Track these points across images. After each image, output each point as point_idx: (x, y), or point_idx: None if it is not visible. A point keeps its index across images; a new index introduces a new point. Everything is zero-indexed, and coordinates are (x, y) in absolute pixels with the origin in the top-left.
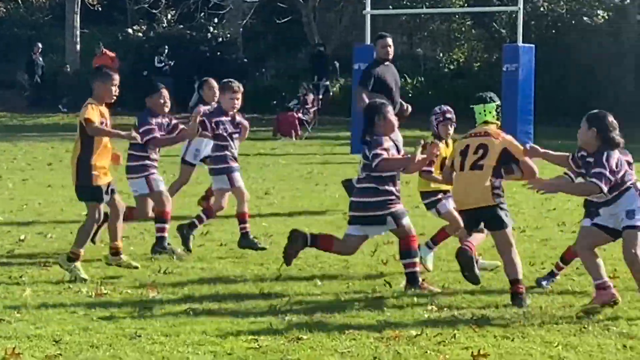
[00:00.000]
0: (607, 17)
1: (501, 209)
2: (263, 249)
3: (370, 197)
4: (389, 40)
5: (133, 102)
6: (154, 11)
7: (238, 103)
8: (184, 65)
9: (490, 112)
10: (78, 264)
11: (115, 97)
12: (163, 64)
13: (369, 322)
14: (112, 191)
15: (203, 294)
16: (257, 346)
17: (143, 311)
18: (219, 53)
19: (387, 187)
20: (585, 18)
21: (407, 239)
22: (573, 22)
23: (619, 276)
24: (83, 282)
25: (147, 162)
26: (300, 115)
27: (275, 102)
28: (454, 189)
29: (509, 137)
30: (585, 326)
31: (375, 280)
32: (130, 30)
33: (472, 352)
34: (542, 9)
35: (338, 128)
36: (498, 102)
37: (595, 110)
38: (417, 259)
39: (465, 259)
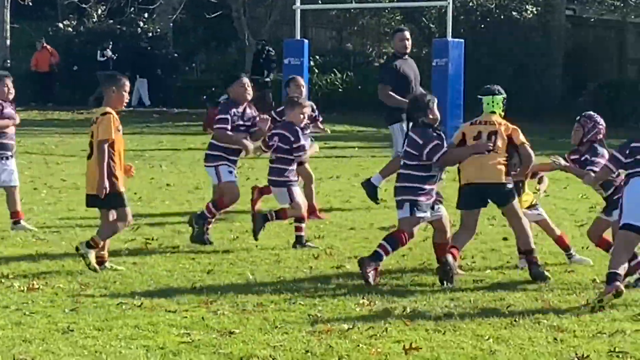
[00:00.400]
0: (535, 12)
1: (509, 186)
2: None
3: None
4: (407, 34)
5: (63, 97)
6: (84, 6)
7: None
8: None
9: (497, 104)
10: (94, 252)
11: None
12: (105, 58)
13: (301, 316)
14: None
15: (135, 289)
16: (190, 340)
17: (75, 306)
18: (149, 48)
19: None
20: (514, 13)
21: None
22: (502, 17)
23: (549, 269)
24: (93, 271)
25: (223, 153)
26: None
27: (205, 96)
28: (466, 167)
29: (512, 126)
30: (516, 319)
31: (307, 274)
32: (60, 25)
33: (404, 346)
34: (471, 3)
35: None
36: (505, 95)
37: None
38: None
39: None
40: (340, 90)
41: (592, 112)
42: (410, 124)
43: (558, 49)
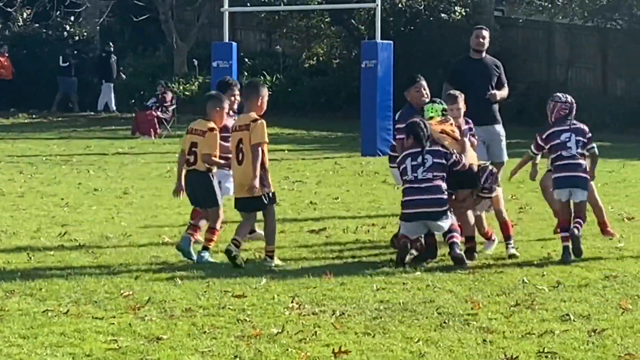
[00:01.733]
0: (464, 13)
1: None
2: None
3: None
4: (478, 32)
5: None
6: (9, 10)
7: None
8: (41, 64)
9: (436, 111)
10: (276, 260)
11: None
12: (68, 63)
13: (229, 320)
14: None
15: (61, 295)
16: (117, 347)
17: (0, 313)
18: (75, 52)
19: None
20: (443, 15)
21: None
22: (431, 18)
23: (478, 270)
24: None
25: None
26: (159, 113)
27: (133, 100)
28: None
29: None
30: (446, 321)
31: (236, 279)
32: None
33: (333, 349)
34: (400, 5)
35: None
36: (445, 106)
37: None
38: None
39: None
40: (270, 92)
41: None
42: None
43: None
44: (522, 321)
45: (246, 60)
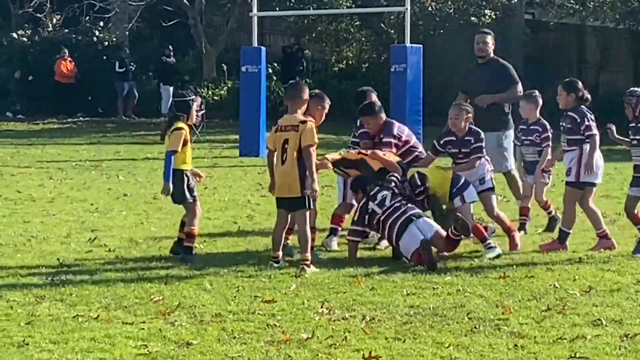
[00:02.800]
0: (494, 16)
1: None
2: None
3: None
4: (477, 37)
5: (20, 108)
6: (38, 15)
7: None
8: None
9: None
10: (313, 268)
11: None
12: (124, 68)
13: (259, 326)
14: None
15: (91, 301)
16: (147, 352)
17: (31, 319)
18: (104, 57)
19: None
20: (473, 18)
21: None
22: (461, 22)
23: (509, 275)
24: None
25: None
26: None
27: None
28: None
29: None
30: (477, 326)
31: (265, 284)
32: (15, 35)
33: (364, 355)
34: (430, 8)
35: (226, 131)
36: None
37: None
38: None
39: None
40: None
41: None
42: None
43: (517, 53)
44: (554, 326)
45: (274, 64)
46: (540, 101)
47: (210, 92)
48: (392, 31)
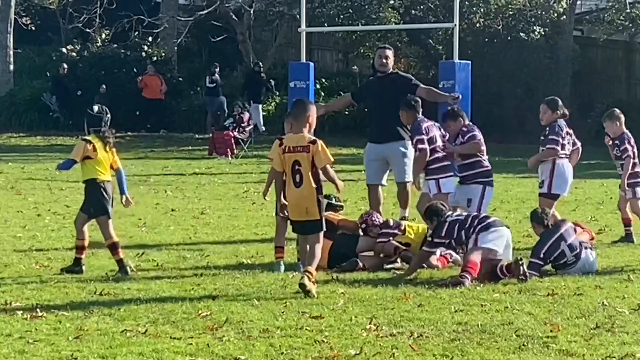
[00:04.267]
0: (543, 33)
1: None
2: None
3: None
4: (380, 52)
5: (68, 123)
6: (88, 30)
7: None
8: (120, 84)
9: None
10: (311, 284)
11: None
12: (215, 84)
13: (307, 342)
14: None
15: (139, 315)
16: None
17: (79, 333)
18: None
19: None
20: (521, 34)
21: None
22: (509, 38)
23: (557, 292)
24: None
25: None
26: (235, 133)
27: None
28: None
29: None
30: (525, 343)
31: (313, 300)
32: (64, 50)
33: None
34: (478, 25)
35: None
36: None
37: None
38: None
39: None
40: (346, 113)
41: None
42: None
43: (566, 69)
44: (602, 344)
45: (323, 80)
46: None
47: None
48: (440, 47)
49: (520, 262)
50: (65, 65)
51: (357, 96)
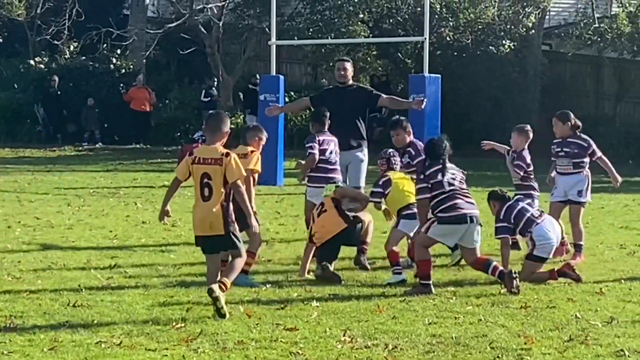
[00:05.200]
0: (512, 47)
1: None
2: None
3: None
4: (339, 64)
5: (34, 134)
6: (56, 42)
7: None
8: (88, 97)
9: (331, 190)
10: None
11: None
12: (210, 98)
13: (282, 353)
14: None
15: (114, 327)
16: None
17: (54, 345)
18: (121, 85)
19: None
20: (491, 48)
21: None
22: (478, 52)
23: (530, 305)
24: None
25: None
26: None
27: (179, 133)
28: None
29: None
30: (499, 356)
31: (287, 312)
32: (32, 62)
33: None
34: (447, 38)
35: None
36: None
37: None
38: None
39: None
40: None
41: None
42: None
43: (535, 84)
44: (577, 356)
45: (292, 93)
46: (531, 135)
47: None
48: (409, 61)
49: (515, 276)
50: (57, 78)
51: (315, 101)
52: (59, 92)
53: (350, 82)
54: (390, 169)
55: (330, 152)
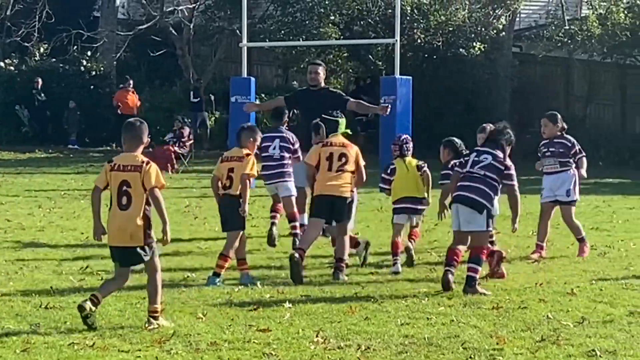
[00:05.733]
0: (483, 49)
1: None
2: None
3: None
4: (310, 68)
5: (5, 137)
6: (26, 44)
7: None
8: (58, 98)
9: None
10: (162, 320)
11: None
12: (199, 98)
13: (255, 354)
14: None
15: (86, 328)
16: None
17: (26, 346)
18: (92, 87)
19: None
20: (461, 50)
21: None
22: (449, 54)
23: (502, 306)
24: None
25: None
26: (176, 148)
27: (150, 135)
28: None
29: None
30: (472, 356)
31: (260, 313)
32: (2, 64)
33: None
34: (418, 40)
35: (214, 161)
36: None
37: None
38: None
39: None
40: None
41: None
42: None
43: (505, 85)
44: (548, 357)
45: (263, 95)
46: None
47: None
48: (380, 63)
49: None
50: (40, 80)
51: (289, 102)
52: (42, 94)
53: (322, 85)
54: (402, 155)
55: (274, 148)
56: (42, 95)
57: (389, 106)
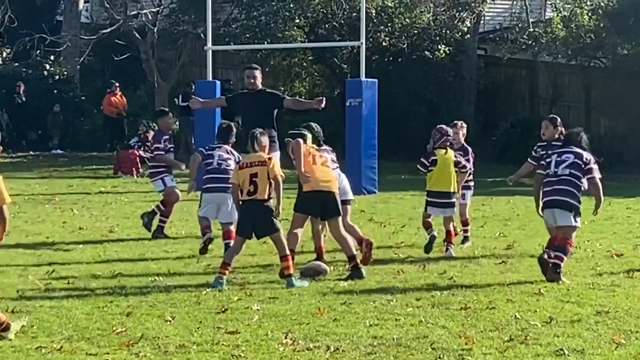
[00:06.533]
0: (448, 51)
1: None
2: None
3: None
4: (247, 72)
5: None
6: None
7: None
8: (21, 102)
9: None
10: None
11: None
12: (187, 102)
13: (224, 357)
14: None
15: (53, 332)
16: None
17: None
18: (55, 91)
19: None
20: (426, 52)
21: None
22: (414, 56)
23: (470, 306)
24: None
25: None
26: (141, 152)
27: (116, 140)
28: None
29: None
30: (440, 356)
31: (228, 315)
32: None
33: None
34: (383, 43)
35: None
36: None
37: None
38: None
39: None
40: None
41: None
42: None
43: (470, 88)
44: (517, 356)
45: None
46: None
47: None
48: (345, 66)
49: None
50: (22, 84)
51: (230, 102)
52: (23, 99)
53: (260, 87)
54: (441, 147)
55: (222, 160)
56: (24, 98)
57: (324, 99)
